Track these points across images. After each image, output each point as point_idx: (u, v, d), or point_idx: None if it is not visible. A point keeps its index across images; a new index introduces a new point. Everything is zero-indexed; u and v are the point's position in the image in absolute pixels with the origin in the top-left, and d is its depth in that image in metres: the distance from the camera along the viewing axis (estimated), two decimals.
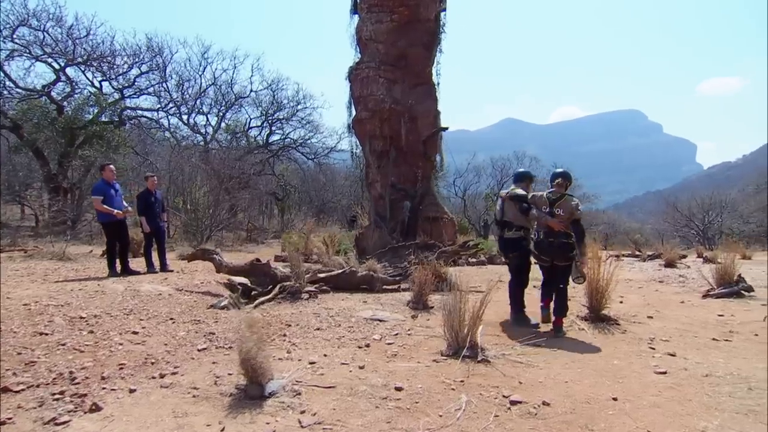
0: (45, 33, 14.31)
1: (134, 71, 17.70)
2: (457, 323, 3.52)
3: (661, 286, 7.07)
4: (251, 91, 22.46)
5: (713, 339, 3.84)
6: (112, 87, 17.25)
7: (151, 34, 27.06)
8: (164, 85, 19.33)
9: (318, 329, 4.20)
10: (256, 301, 5.04)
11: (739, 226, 25.20)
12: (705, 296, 5.92)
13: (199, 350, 3.43)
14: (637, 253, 14.80)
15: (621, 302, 5.65)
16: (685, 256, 13.93)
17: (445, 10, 10.59)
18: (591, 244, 5.58)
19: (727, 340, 3.80)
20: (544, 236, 4.23)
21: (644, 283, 7.46)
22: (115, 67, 16.35)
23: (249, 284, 5.55)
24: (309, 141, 24.32)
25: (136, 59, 17.16)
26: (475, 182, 25.92)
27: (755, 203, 20.90)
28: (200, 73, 21.16)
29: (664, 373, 2.99)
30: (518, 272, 4.63)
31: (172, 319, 4.19)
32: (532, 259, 4.68)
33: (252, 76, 26.02)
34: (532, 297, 5.44)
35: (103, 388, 2.60)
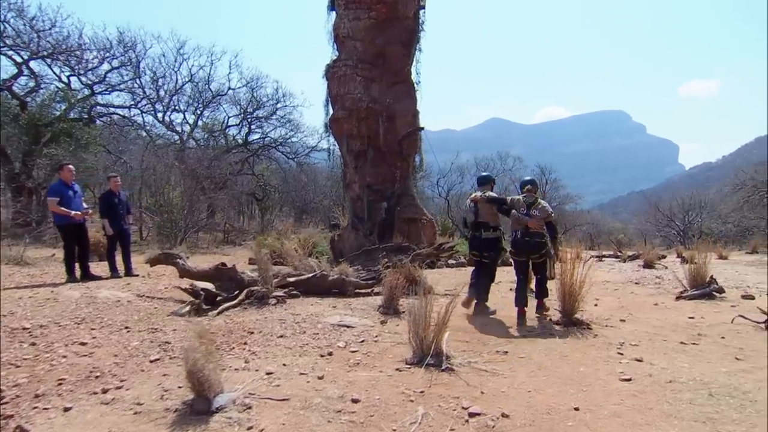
0: (5, 24, 13.75)
1: (105, 66, 17.22)
2: (422, 330, 3.46)
3: (637, 287, 7.15)
4: (229, 88, 22.11)
5: (681, 343, 3.86)
6: (81, 82, 16.72)
7: (122, 27, 26.31)
8: (138, 81, 18.87)
9: (281, 336, 4.09)
10: (220, 308, 4.90)
11: (718, 226, 25.87)
12: (678, 298, 6.00)
13: (151, 361, 3.29)
14: (619, 253, 15.05)
15: (596, 305, 5.69)
16: (664, 257, 14.21)
17: (423, 7, 10.55)
18: (575, 245, 5.74)
19: (694, 344, 3.83)
20: (521, 235, 4.82)
21: (621, 284, 7.53)
22: (83, 61, 15.87)
23: (214, 290, 5.40)
24: (290, 140, 24.06)
25: (107, 54, 16.70)
26: (458, 182, 26.02)
27: (732, 203, 21.48)
28: (176, 69, 20.73)
29: (629, 380, 2.98)
30: (491, 269, 5.24)
31: (127, 327, 4.03)
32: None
33: (230, 73, 25.57)
34: (508, 300, 5.47)
35: (35, 408, 2.45)
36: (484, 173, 5.68)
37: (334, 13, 10.71)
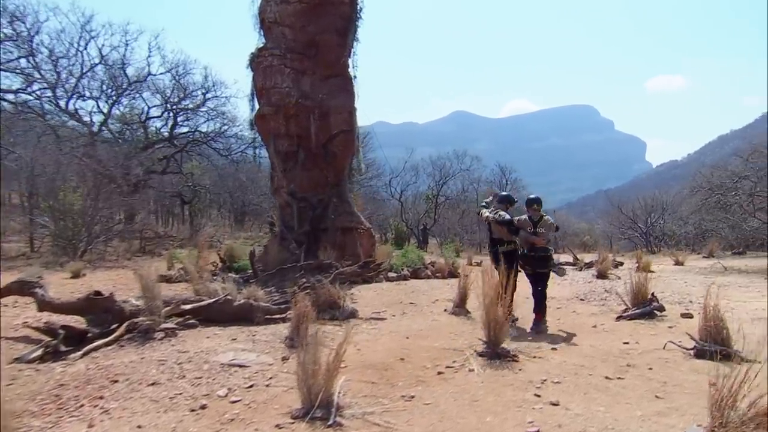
0: None
1: None
2: (310, 375, 3.21)
3: (581, 305, 7.28)
4: (149, 74, 20.91)
5: (606, 377, 3.85)
6: None
7: None
8: (31, 60, 17.38)
9: (153, 384, 3.73)
10: (86, 348, 4.44)
11: (679, 228, 27.53)
12: (619, 318, 6.14)
13: None
14: (576, 260, 15.56)
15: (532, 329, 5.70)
16: (621, 263, 14.82)
17: None
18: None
19: (619, 378, 3.83)
20: (528, 251, 5.78)
21: (566, 301, 7.67)
22: None
23: (85, 325, 4.91)
24: (223, 135, 23.15)
25: None
26: (413, 182, 26.03)
27: (691, 205, 22.91)
28: (81, 48, 19.31)
29: None
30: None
31: None
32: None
33: (150, 56, 23.65)
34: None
35: None
36: (504, 193, 6.65)
37: None
